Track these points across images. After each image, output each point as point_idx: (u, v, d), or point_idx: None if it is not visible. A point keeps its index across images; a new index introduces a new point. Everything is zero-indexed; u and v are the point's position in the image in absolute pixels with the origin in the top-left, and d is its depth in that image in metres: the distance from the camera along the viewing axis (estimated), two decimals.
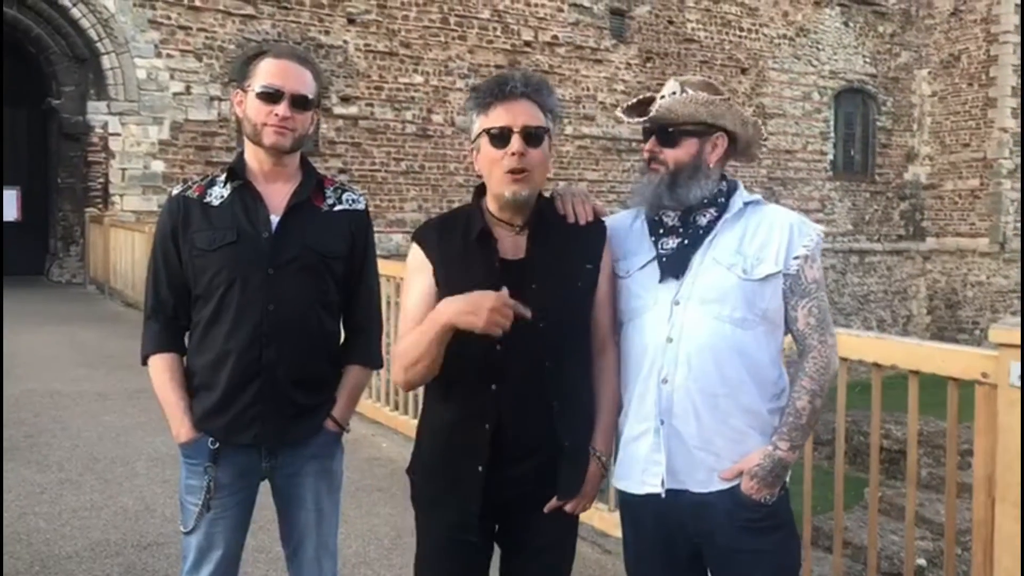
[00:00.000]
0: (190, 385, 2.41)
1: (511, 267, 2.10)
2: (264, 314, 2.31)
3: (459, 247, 2.13)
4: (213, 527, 2.38)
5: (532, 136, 2.07)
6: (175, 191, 2.44)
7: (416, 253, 2.17)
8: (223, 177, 2.41)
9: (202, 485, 2.35)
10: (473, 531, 2.11)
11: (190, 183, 2.45)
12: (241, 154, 2.43)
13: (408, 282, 2.19)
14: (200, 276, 2.34)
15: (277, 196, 2.38)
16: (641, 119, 2.19)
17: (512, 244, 2.14)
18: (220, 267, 2.32)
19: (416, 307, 2.13)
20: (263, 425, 2.35)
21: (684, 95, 2.15)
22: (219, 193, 2.38)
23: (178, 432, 2.39)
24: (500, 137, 2.06)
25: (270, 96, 2.30)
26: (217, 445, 2.35)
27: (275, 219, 2.35)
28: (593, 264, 2.18)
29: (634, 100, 2.27)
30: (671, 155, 2.16)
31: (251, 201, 2.36)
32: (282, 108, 2.30)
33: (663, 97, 2.18)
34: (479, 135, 2.11)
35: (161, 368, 2.40)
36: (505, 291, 1.96)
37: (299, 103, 2.33)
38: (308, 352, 2.37)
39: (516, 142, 2.05)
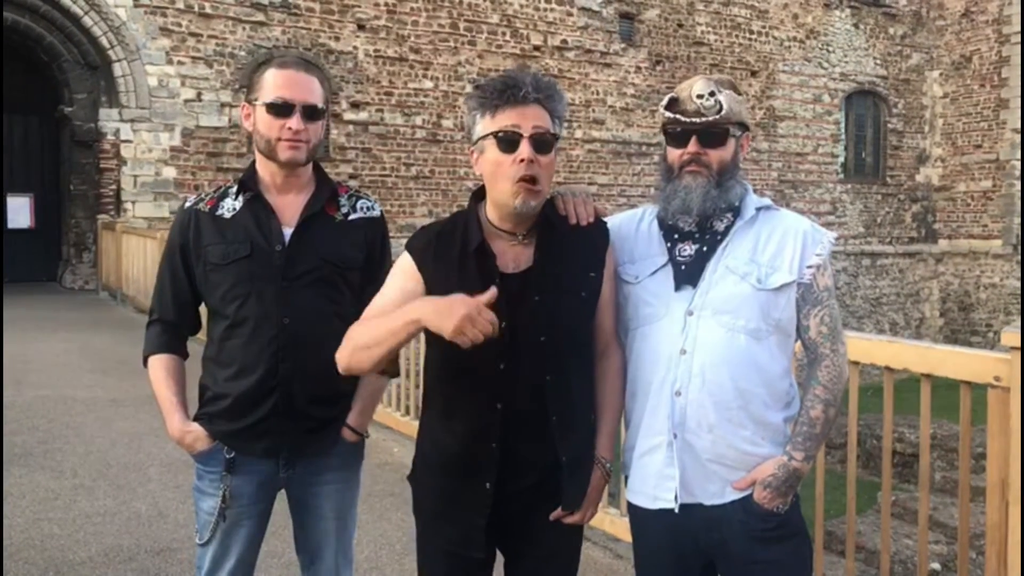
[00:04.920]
0: (205, 397, 2.40)
1: (511, 280, 2.02)
2: (280, 328, 2.28)
3: (456, 261, 2.04)
4: (229, 537, 2.36)
5: (542, 142, 1.98)
6: (187, 204, 2.42)
7: (407, 261, 2.09)
8: (235, 189, 2.38)
9: (217, 495, 2.33)
10: (479, 547, 2.08)
11: (203, 196, 2.43)
12: (253, 164, 2.40)
13: (391, 279, 2.10)
14: (214, 290, 2.33)
15: (290, 208, 2.35)
16: (707, 119, 2.07)
17: (512, 255, 2.06)
18: (234, 281, 2.30)
19: (389, 302, 2.02)
20: (278, 438, 2.32)
21: (730, 94, 2.10)
22: (231, 205, 2.35)
23: (171, 425, 2.37)
24: (508, 141, 1.96)
25: (281, 109, 2.26)
26: (233, 455, 2.33)
27: (288, 231, 2.32)
28: (596, 271, 2.11)
29: (667, 99, 2.14)
30: (716, 156, 2.09)
31: (263, 214, 2.33)
32: (295, 121, 2.26)
33: (701, 96, 2.08)
34: (484, 137, 2.00)
35: (158, 367, 2.40)
36: (486, 296, 1.81)
37: (310, 113, 2.29)
38: (324, 365, 2.30)
39: (525, 148, 1.95)
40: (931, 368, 2.90)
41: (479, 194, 2.11)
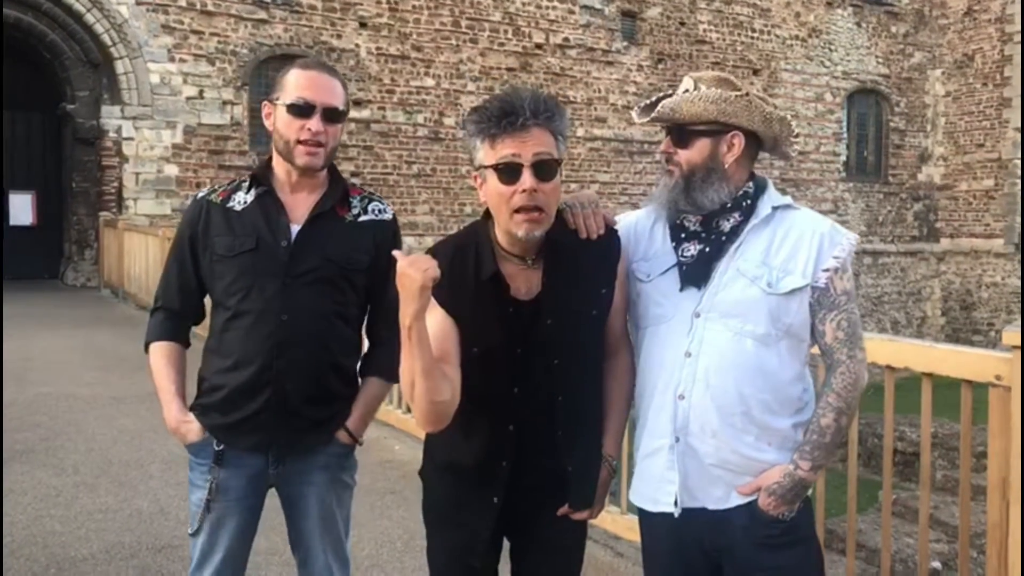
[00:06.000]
0: (202, 388, 2.40)
1: (524, 307, 2.02)
2: (278, 324, 2.28)
3: (471, 287, 2.01)
4: (217, 530, 2.37)
5: (544, 169, 1.93)
6: (200, 194, 2.44)
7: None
8: (247, 183, 2.39)
9: (205, 486, 2.34)
10: (479, 556, 2.12)
11: (216, 187, 2.44)
12: (268, 159, 2.40)
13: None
14: (218, 281, 2.34)
15: (301, 206, 2.35)
16: (645, 120, 2.10)
17: (524, 279, 2.04)
18: (237, 274, 2.30)
19: (433, 342, 1.92)
20: (268, 434, 2.32)
21: (695, 93, 2.04)
22: (242, 199, 2.37)
23: (168, 414, 2.38)
24: (509, 171, 1.92)
25: (301, 110, 2.26)
26: (222, 447, 2.34)
27: (295, 228, 2.32)
28: (608, 287, 2.10)
29: (651, 100, 2.15)
30: (684, 156, 2.06)
31: (273, 209, 2.33)
32: (314, 123, 2.26)
33: (673, 95, 2.07)
34: (484, 167, 1.95)
35: (159, 355, 2.41)
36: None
37: (330, 116, 2.29)
38: (321, 364, 2.34)
39: (528, 178, 1.91)
40: (932, 367, 2.90)
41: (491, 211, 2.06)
